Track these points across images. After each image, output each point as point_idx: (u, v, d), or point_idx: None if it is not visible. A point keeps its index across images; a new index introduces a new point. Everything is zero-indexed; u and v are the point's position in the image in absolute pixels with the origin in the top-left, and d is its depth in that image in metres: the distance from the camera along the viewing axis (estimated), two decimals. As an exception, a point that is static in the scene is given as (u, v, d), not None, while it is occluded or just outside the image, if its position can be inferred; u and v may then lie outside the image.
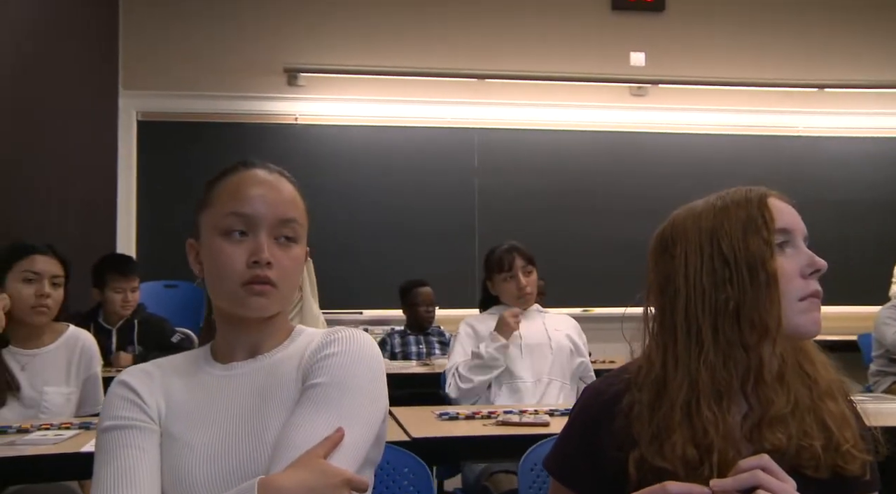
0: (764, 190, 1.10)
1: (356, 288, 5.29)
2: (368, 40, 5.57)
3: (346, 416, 1.04)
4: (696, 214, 1.08)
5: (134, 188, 5.31)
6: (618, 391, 1.07)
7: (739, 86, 5.87)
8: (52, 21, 4.18)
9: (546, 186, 5.63)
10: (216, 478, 1.03)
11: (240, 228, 1.10)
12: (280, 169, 1.19)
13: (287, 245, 1.12)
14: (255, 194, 1.11)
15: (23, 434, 1.93)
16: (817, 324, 1.05)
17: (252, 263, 1.08)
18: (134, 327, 3.51)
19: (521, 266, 2.70)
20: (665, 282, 1.07)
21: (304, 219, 1.16)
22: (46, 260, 2.24)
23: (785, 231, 1.07)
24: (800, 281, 1.05)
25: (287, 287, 1.11)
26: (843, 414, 1.04)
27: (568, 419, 1.14)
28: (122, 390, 1.11)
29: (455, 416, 2.18)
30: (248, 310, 1.10)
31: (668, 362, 1.04)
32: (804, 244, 1.08)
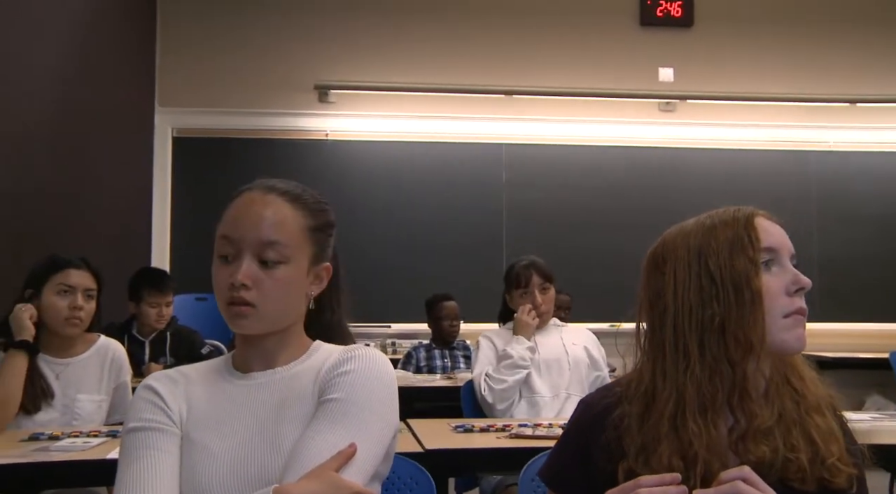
0: (751, 209, 1.13)
1: (385, 301, 5.35)
2: (398, 57, 5.66)
3: (358, 432, 1.08)
4: (686, 233, 1.11)
5: (168, 202, 5.45)
6: (609, 404, 1.10)
7: (769, 101, 5.85)
8: (94, 40, 4.33)
9: (574, 201, 5.65)
10: (232, 484, 1.08)
11: (227, 251, 1.15)
12: (287, 187, 1.20)
13: (272, 267, 1.14)
14: (240, 218, 1.16)
15: (54, 441, 2.00)
16: (801, 341, 1.08)
17: (229, 285, 1.13)
18: (166, 339, 3.60)
19: (537, 283, 2.72)
20: (655, 299, 1.11)
21: (298, 239, 1.17)
22: (80, 273, 2.32)
23: (771, 250, 1.09)
24: (785, 298, 1.07)
25: (271, 307, 1.14)
26: (830, 429, 1.06)
27: (563, 431, 1.18)
28: (148, 394, 1.16)
29: (470, 429, 2.22)
30: (235, 329, 1.16)
31: (657, 376, 1.07)
32: (791, 263, 1.11)
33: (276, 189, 1.20)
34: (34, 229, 3.49)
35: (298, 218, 1.18)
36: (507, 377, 2.61)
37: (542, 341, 2.72)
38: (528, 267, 2.75)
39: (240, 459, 1.10)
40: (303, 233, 1.18)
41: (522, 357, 2.62)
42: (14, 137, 3.40)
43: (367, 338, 5.32)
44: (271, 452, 1.10)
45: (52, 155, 3.76)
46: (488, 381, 2.64)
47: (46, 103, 3.74)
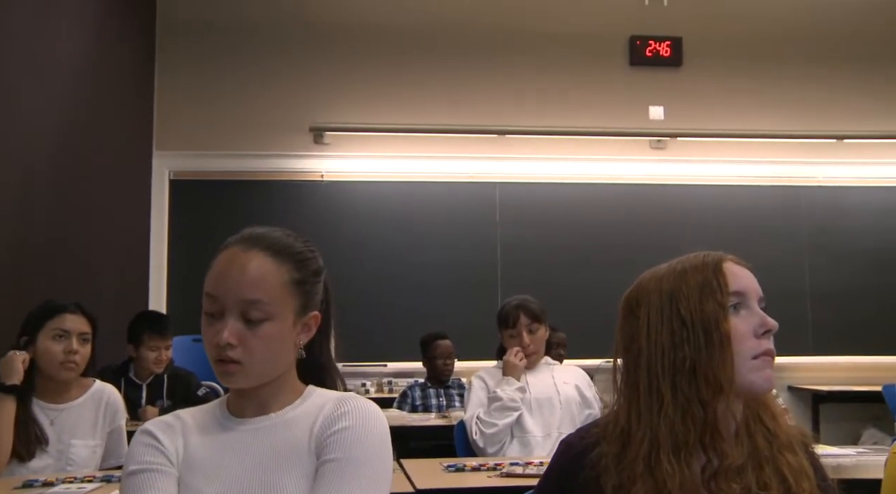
0: (720, 255, 1.17)
1: (381, 341, 5.36)
2: (391, 99, 5.76)
3: (363, 489, 1.12)
4: (659, 277, 1.16)
5: (165, 244, 5.49)
6: (588, 444, 1.13)
7: (758, 137, 5.94)
8: (94, 86, 4.41)
9: (568, 239, 5.70)
10: None
11: (212, 309, 1.18)
12: (270, 240, 1.20)
13: (257, 324, 1.16)
14: (222, 276, 1.18)
15: (48, 487, 2.02)
16: (769, 381, 1.11)
17: (214, 344, 1.16)
18: (163, 382, 3.61)
19: (525, 323, 2.74)
20: (630, 341, 1.15)
21: (279, 294, 1.18)
22: (75, 318, 2.35)
23: (739, 294, 1.13)
24: (753, 340, 1.11)
25: (257, 363, 1.17)
26: (801, 466, 1.10)
27: (545, 471, 1.21)
28: (145, 437, 1.19)
29: (462, 468, 2.23)
30: (225, 384, 1.19)
31: (632, 416, 1.11)
32: (759, 305, 1.15)
33: (260, 242, 1.20)
34: (34, 273, 3.53)
35: (282, 272, 1.19)
36: (497, 421, 2.62)
37: (534, 380, 2.74)
38: (516, 307, 2.77)
39: None
40: (286, 288, 1.19)
41: (512, 398, 2.63)
42: (15, 182, 3.45)
43: (363, 377, 5.33)
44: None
45: (53, 200, 3.82)
46: (479, 425, 2.65)
47: (47, 148, 3.80)
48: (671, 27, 6.03)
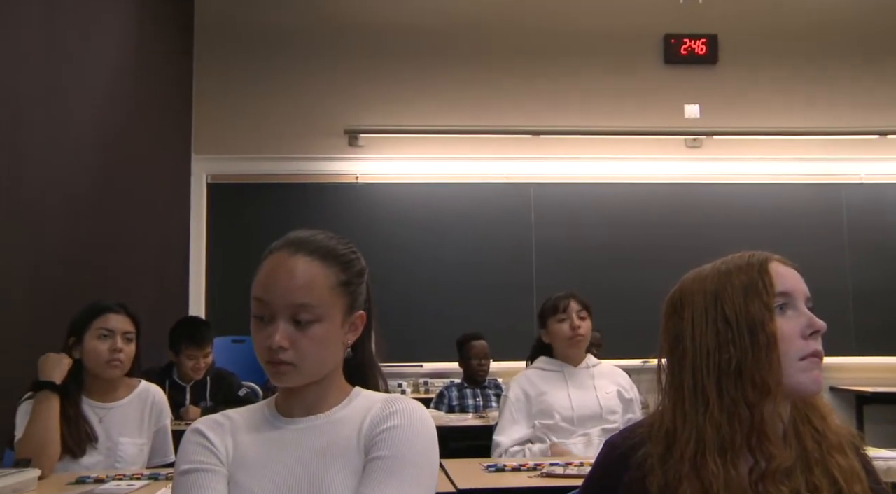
0: (766, 255, 1.16)
1: (417, 341, 5.39)
2: (425, 100, 5.78)
3: (410, 487, 1.14)
4: (703, 278, 1.16)
5: (204, 246, 5.58)
6: (633, 444, 1.14)
7: (797, 135, 5.86)
8: (135, 93, 4.50)
9: (603, 239, 5.68)
10: None
11: (261, 313, 1.20)
12: (315, 244, 1.23)
13: (307, 326, 1.18)
14: (271, 281, 1.20)
15: (99, 484, 2.07)
16: (817, 383, 1.10)
17: (266, 347, 1.18)
18: (207, 383, 3.67)
19: (575, 309, 2.74)
20: (674, 343, 1.14)
21: (327, 297, 1.20)
22: (118, 317, 2.40)
23: (785, 294, 1.13)
24: (800, 341, 1.10)
25: (309, 363, 1.19)
26: (852, 468, 1.08)
27: (589, 471, 1.21)
28: (196, 437, 1.22)
29: (502, 468, 2.24)
30: (276, 384, 1.22)
31: (677, 418, 1.11)
32: (806, 306, 1.14)
33: (306, 246, 1.22)
34: (79, 276, 3.61)
35: (329, 275, 1.21)
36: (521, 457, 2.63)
37: (576, 395, 2.71)
38: (566, 296, 2.78)
39: None
40: (334, 290, 1.21)
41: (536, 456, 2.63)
42: (61, 188, 3.53)
43: (399, 378, 5.36)
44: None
45: (96, 204, 3.90)
46: (504, 456, 2.65)
47: (90, 154, 3.89)
48: (706, 24, 5.97)
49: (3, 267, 2.98)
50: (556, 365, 2.80)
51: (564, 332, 2.74)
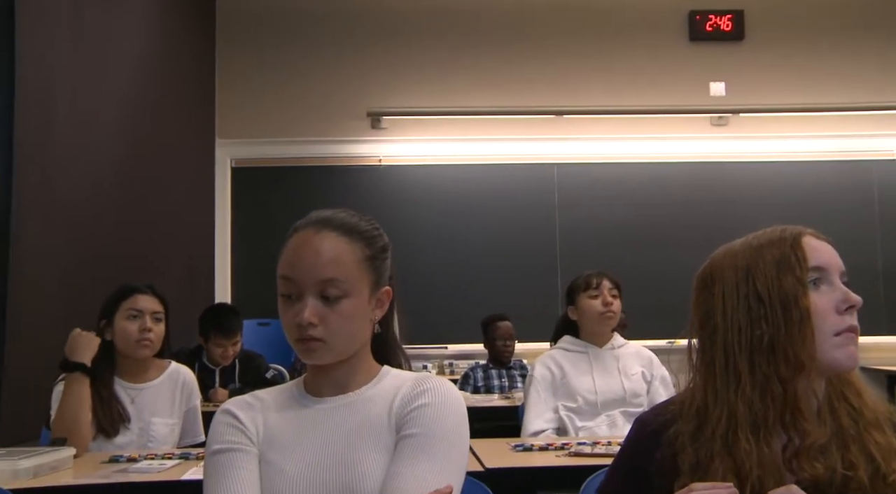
0: (800, 229, 1.14)
1: (441, 323, 5.40)
2: (447, 82, 5.76)
3: (442, 465, 1.14)
4: (734, 253, 1.14)
5: (229, 230, 5.63)
6: (664, 422, 1.13)
7: (825, 111, 5.76)
8: (159, 78, 4.52)
9: (627, 219, 5.64)
10: None
11: (289, 291, 1.20)
12: (341, 220, 1.23)
13: (335, 302, 1.19)
14: (297, 258, 1.20)
15: (132, 463, 2.11)
16: (853, 358, 1.08)
17: (296, 324, 1.18)
18: (235, 366, 3.72)
19: (608, 286, 2.72)
20: (705, 319, 1.13)
21: (354, 271, 1.21)
22: (147, 298, 2.44)
23: (819, 268, 1.10)
24: (835, 316, 1.08)
25: (339, 339, 1.20)
26: (890, 445, 1.07)
27: (620, 449, 1.21)
28: (227, 417, 1.23)
29: (529, 448, 2.25)
30: (306, 361, 1.22)
31: (709, 395, 1.10)
32: (840, 280, 1.11)
33: (330, 223, 1.22)
34: (108, 260, 3.65)
35: (355, 250, 1.22)
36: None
37: (601, 380, 2.68)
38: (599, 273, 2.76)
39: (313, 480, 1.15)
40: (360, 265, 1.22)
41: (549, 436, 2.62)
42: (89, 175, 3.57)
43: (423, 360, 5.38)
44: (345, 473, 1.15)
45: (124, 190, 3.94)
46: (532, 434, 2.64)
47: (117, 141, 3.92)
48: (732, 0, 5.88)
49: (37, 258, 3.02)
50: (580, 346, 2.76)
51: (596, 308, 2.70)
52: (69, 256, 3.32)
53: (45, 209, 3.11)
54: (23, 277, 2.87)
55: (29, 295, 2.91)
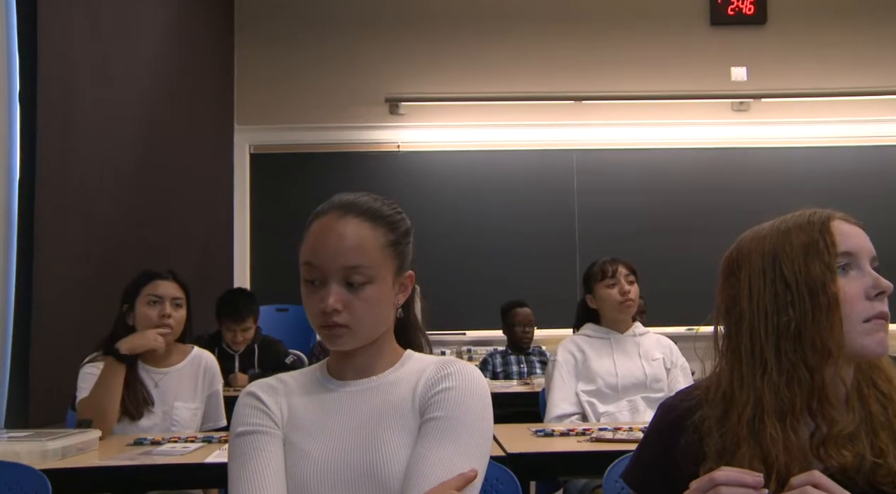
0: (829, 212, 1.12)
1: (460, 309, 5.41)
2: (465, 68, 5.73)
3: (466, 448, 1.15)
4: (761, 237, 1.12)
5: (248, 217, 5.65)
6: (689, 407, 1.12)
7: (850, 96, 5.68)
8: (177, 65, 4.54)
9: (647, 205, 5.60)
10: (329, 485, 1.15)
11: (313, 277, 1.19)
12: (363, 206, 1.22)
13: (360, 288, 1.18)
14: (321, 244, 1.19)
15: (156, 446, 2.13)
16: (883, 345, 1.06)
17: (321, 311, 1.18)
18: (254, 351, 3.74)
19: (624, 274, 2.71)
20: (731, 304, 1.11)
21: (378, 258, 1.20)
22: (167, 284, 2.46)
23: (848, 254, 1.08)
24: (864, 303, 1.06)
25: (364, 325, 1.19)
26: None
27: (644, 435, 1.20)
28: (251, 400, 1.24)
29: (550, 433, 2.24)
30: (331, 347, 1.22)
31: (735, 380, 1.08)
32: (870, 266, 1.09)
33: (354, 209, 1.22)
34: (128, 249, 3.68)
35: (378, 236, 1.21)
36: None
37: (621, 363, 2.69)
38: (613, 260, 2.74)
39: (337, 462, 1.16)
40: (384, 250, 1.21)
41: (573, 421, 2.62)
42: (109, 162, 3.60)
43: (442, 346, 5.39)
44: (369, 456, 1.15)
45: (143, 177, 3.97)
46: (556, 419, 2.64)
47: (137, 128, 3.94)
48: (755, -17, 5.81)
49: (61, 246, 3.05)
50: (602, 332, 2.77)
51: (614, 297, 2.70)
52: (91, 243, 3.35)
53: (67, 197, 3.14)
54: (47, 264, 2.90)
55: (53, 282, 2.95)
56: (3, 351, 2.67)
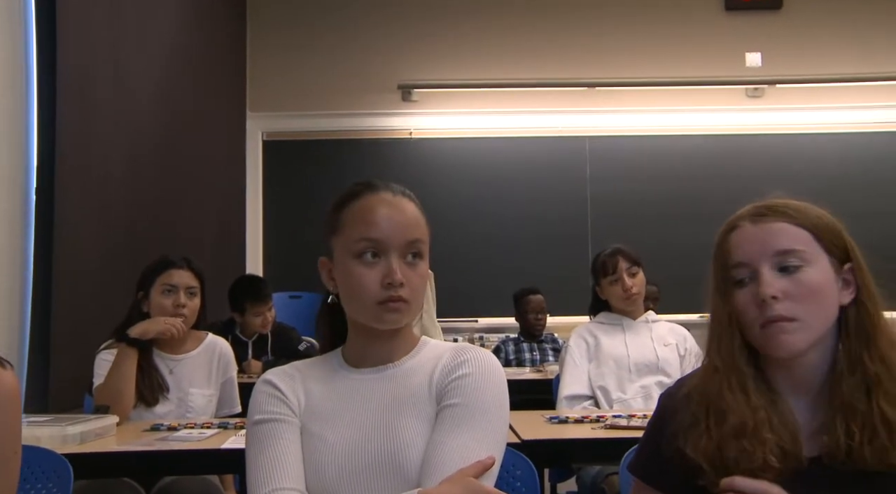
0: (737, 216, 1.15)
1: (472, 296, 5.42)
2: (478, 54, 5.71)
3: (483, 435, 1.15)
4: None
5: (260, 203, 5.66)
6: (685, 394, 1.14)
7: (866, 81, 5.62)
8: (191, 53, 4.54)
9: (660, 192, 5.58)
10: (347, 472, 1.15)
11: (371, 251, 1.20)
12: (402, 188, 1.26)
13: (414, 263, 1.21)
14: (383, 219, 1.20)
15: (172, 432, 2.15)
16: (783, 348, 1.07)
17: (386, 284, 1.18)
18: (268, 338, 3.75)
19: (625, 267, 2.70)
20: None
21: (427, 235, 1.24)
22: (182, 273, 2.46)
23: (742, 264, 1.11)
24: (755, 310, 1.08)
25: (417, 301, 1.22)
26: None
27: (648, 423, 1.22)
28: (268, 387, 1.24)
29: (564, 420, 2.25)
30: (384, 325, 1.21)
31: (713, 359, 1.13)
32: (768, 269, 1.09)
33: (402, 191, 1.26)
34: (143, 235, 3.70)
35: (423, 216, 1.25)
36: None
37: (633, 343, 2.70)
38: (613, 254, 2.74)
39: (355, 449, 1.16)
40: (428, 230, 1.25)
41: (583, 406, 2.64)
42: (125, 150, 3.60)
43: (454, 333, 5.40)
44: (387, 443, 1.16)
45: (158, 165, 3.97)
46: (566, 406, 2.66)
47: (151, 116, 3.95)
48: (770, -32, 5.74)
49: (79, 233, 3.07)
50: (615, 319, 2.80)
51: (618, 293, 2.74)
52: (108, 230, 3.36)
53: (85, 185, 3.16)
54: (66, 251, 2.92)
55: (72, 268, 2.96)
56: (23, 336, 2.69)
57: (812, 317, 1.07)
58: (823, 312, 1.08)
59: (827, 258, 1.10)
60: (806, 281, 1.07)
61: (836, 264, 1.10)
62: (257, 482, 1.16)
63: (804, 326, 1.06)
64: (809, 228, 1.10)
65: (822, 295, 1.08)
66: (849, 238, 1.12)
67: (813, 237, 1.10)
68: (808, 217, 1.11)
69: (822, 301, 1.08)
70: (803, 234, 1.10)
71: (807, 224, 1.10)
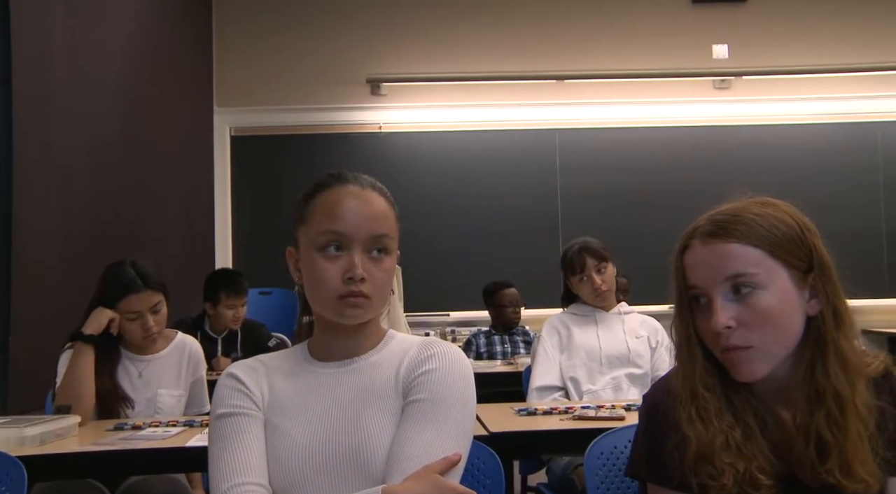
0: (686, 237, 1.11)
1: (443, 290, 5.41)
2: (447, 48, 5.69)
3: (450, 430, 1.14)
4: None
5: (229, 199, 5.60)
6: (670, 403, 1.11)
7: (830, 72, 5.70)
8: (155, 46, 4.46)
9: (630, 184, 5.61)
10: (312, 466, 1.14)
11: (335, 244, 1.18)
12: (372, 180, 1.24)
13: (379, 258, 1.18)
14: (348, 211, 1.18)
15: (137, 430, 2.11)
16: (742, 375, 1.06)
17: (347, 279, 1.16)
18: (237, 334, 3.71)
19: (592, 265, 2.70)
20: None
21: (395, 230, 1.22)
22: (142, 296, 2.34)
23: (695, 287, 1.09)
24: (714, 336, 1.07)
25: (380, 297, 1.19)
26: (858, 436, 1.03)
27: (635, 433, 1.18)
28: (231, 381, 1.22)
29: (533, 412, 2.25)
30: (344, 319, 1.19)
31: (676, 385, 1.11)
32: (719, 295, 1.06)
33: (368, 182, 1.23)
34: (108, 230, 3.63)
35: (392, 210, 1.23)
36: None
37: (605, 335, 2.71)
38: (579, 251, 2.73)
39: (319, 443, 1.15)
40: (397, 225, 1.23)
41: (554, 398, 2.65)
42: (87, 143, 3.54)
43: (426, 327, 5.39)
44: (351, 437, 1.14)
45: (122, 158, 3.91)
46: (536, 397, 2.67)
47: (114, 109, 3.88)
48: (736, -40, 5.79)
49: (39, 229, 3.01)
50: (587, 310, 2.81)
51: (587, 291, 2.75)
52: (69, 226, 3.30)
53: (45, 177, 3.09)
54: (26, 247, 2.86)
55: (32, 266, 2.90)
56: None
57: (768, 343, 1.03)
58: (782, 334, 1.04)
59: (786, 273, 1.04)
60: (759, 306, 1.03)
61: (799, 276, 1.05)
62: (220, 477, 1.14)
63: (760, 354, 1.03)
64: (763, 245, 1.04)
65: (777, 318, 1.03)
66: (813, 241, 1.06)
67: (767, 254, 1.04)
68: (761, 232, 1.05)
69: (779, 324, 1.03)
70: (754, 254, 1.04)
71: (759, 242, 1.04)
